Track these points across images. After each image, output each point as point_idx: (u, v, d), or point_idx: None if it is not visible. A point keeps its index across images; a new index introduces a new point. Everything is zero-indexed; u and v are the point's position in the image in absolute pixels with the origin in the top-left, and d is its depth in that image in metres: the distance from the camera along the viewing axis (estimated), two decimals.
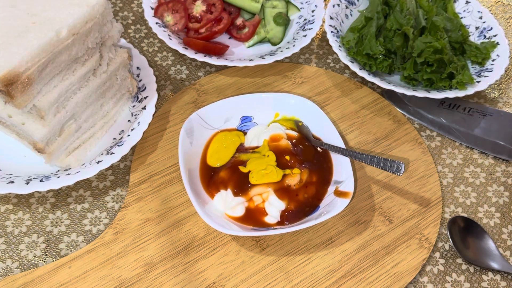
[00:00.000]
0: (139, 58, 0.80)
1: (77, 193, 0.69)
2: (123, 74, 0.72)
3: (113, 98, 0.73)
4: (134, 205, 0.67)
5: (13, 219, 0.66)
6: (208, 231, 0.65)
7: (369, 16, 0.85)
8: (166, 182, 0.70)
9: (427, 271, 0.65)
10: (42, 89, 0.60)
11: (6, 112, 0.64)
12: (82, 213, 0.67)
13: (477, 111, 0.80)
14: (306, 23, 0.88)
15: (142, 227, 0.65)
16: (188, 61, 0.87)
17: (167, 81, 0.84)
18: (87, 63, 0.65)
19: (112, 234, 0.64)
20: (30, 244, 0.64)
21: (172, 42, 0.82)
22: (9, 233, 0.65)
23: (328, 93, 0.83)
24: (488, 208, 0.72)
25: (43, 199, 0.68)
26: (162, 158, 0.72)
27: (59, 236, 0.65)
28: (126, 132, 0.71)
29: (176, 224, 0.66)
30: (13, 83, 0.55)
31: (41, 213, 0.67)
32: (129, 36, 0.90)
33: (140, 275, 0.61)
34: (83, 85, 0.66)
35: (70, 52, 0.61)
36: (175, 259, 0.63)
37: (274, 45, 0.87)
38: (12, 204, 0.68)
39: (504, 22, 1.00)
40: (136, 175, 0.70)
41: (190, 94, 0.81)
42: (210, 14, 0.86)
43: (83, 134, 0.70)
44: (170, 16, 0.86)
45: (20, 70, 0.55)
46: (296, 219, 0.64)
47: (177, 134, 0.75)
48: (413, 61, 0.79)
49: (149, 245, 0.64)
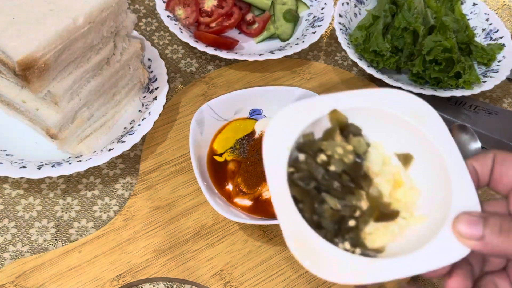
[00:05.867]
0: (151, 50, 0.81)
1: (87, 180, 0.70)
2: (136, 64, 0.73)
3: (125, 88, 0.74)
4: (144, 193, 0.68)
5: (24, 204, 0.67)
6: (216, 220, 0.66)
7: (377, 15, 0.86)
8: (175, 172, 0.71)
9: None
10: (57, 76, 0.61)
11: (21, 97, 0.65)
12: (92, 200, 0.68)
13: (483, 109, 0.81)
14: (315, 20, 0.89)
15: (151, 214, 0.66)
16: (198, 55, 0.88)
17: (177, 73, 0.85)
18: (102, 51, 0.66)
19: (122, 221, 0.65)
20: (40, 229, 0.65)
21: (183, 35, 0.83)
22: (19, 218, 0.66)
23: (336, 90, 0.84)
24: None
25: (54, 185, 0.69)
26: (172, 148, 0.73)
27: (69, 221, 0.66)
28: (137, 121, 0.72)
29: (185, 212, 0.67)
30: (30, 68, 0.56)
31: (51, 199, 0.68)
32: (140, 29, 0.91)
33: (149, 261, 0.62)
34: (97, 73, 0.67)
35: (85, 40, 0.62)
36: (184, 246, 0.64)
37: (283, 41, 0.88)
38: (23, 189, 0.68)
39: (510, 25, 1.01)
40: (146, 164, 0.71)
41: (200, 87, 0.82)
42: (221, 9, 0.87)
43: (95, 122, 0.71)
44: (181, 9, 0.87)
45: (37, 55, 0.56)
46: None
47: (186, 125, 0.76)
48: (422, 59, 0.80)
49: (158, 232, 0.64)
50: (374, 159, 0.44)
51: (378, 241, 0.41)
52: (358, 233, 0.40)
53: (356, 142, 0.43)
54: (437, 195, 0.42)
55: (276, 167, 0.41)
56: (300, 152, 0.42)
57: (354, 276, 0.36)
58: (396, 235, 0.41)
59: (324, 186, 0.41)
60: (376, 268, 0.37)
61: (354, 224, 0.40)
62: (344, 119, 0.44)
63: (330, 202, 0.40)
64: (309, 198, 0.40)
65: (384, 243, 0.41)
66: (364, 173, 0.42)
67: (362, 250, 0.39)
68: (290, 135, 0.43)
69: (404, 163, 0.44)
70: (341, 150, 0.42)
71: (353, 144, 0.43)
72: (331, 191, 0.41)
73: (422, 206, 0.42)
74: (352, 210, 0.40)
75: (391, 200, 0.43)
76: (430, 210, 0.42)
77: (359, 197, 0.41)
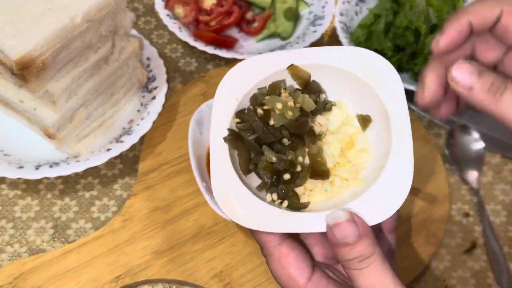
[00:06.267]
0: (149, 49, 0.80)
1: (85, 180, 0.69)
2: (134, 63, 0.73)
3: (124, 88, 0.73)
4: (142, 194, 0.67)
5: (21, 205, 0.67)
6: (216, 221, 0.66)
7: (378, 13, 0.85)
8: (174, 172, 0.70)
9: (433, 267, 0.65)
10: (55, 75, 0.61)
11: (18, 97, 0.64)
12: (91, 200, 0.68)
13: None
14: (316, 19, 0.88)
15: (150, 215, 0.65)
16: (197, 54, 0.87)
17: (176, 73, 0.84)
18: (100, 50, 0.65)
19: (120, 222, 0.64)
20: (38, 230, 0.65)
21: (183, 34, 0.82)
22: (17, 218, 0.65)
23: None
24: (494, 206, 0.72)
25: (51, 185, 0.68)
26: (171, 149, 0.73)
27: (67, 222, 0.66)
28: (136, 121, 0.72)
29: (185, 213, 0.66)
30: (28, 67, 0.56)
31: (49, 199, 0.67)
32: (138, 27, 0.90)
33: (148, 262, 0.61)
34: (95, 72, 0.66)
35: (84, 38, 0.61)
36: (183, 247, 0.63)
37: (284, 39, 0.88)
38: (21, 190, 0.68)
39: None
40: (145, 164, 0.70)
41: (200, 86, 0.81)
42: (221, 7, 0.86)
43: (93, 122, 0.70)
44: (180, 8, 0.86)
45: (35, 54, 0.56)
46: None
47: (186, 125, 0.75)
48: (424, 58, 0.79)
49: (157, 233, 0.64)
50: (333, 118, 0.45)
51: (315, 198, 0.43)
52: (291, 187, 0.42)
53: (303, 98, 0.43)
54: (379, 159, 0.42)
55: (221, 117, 0.44)
56: (250, 104, 0.44)
57: (260, 223, 0.40)
58: (333, 194, 0.43)
59: (265, 139, 0.42)
60: (284, 219, 0.40)
61: (288, 178, 0.42)
62: (306, 75, 0.45)
63: (266, 154, 0.42)
64: (244, 147, 0.42)
65: (321, 200, 0.43)
66: (310, 130, 0.43)
67: (290, 203, 0.41)
68: (243, 87, 0.44)
69: (362, 125, 0.45)
70: (280, 105, 0.42)
71: (299, 100, 0.43)
72: (273, 145, 0.42)
73: (369, 169, 0.44)
74: (288, 165, 0.41)
75: (342, 160, 0.44)
76: (369, 173, 0.43)
77: (303, 153, 0.42)
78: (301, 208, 0.42)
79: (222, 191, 0.41)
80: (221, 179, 0.42)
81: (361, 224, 0.37)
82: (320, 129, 0.44)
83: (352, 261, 0.37)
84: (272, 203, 0.41)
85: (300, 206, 0.42)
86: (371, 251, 0.37)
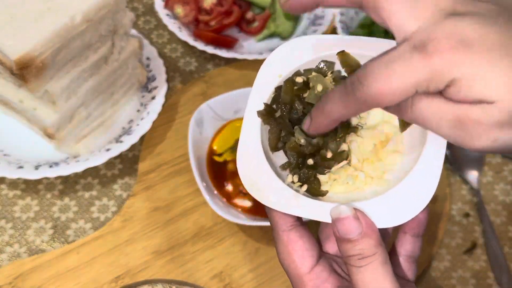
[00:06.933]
0: (149, 49, 0.80)
1: (85, 180, 0.69)
2: (134, 63, 0.73)
3: (123, 87, 0.73)
4: (142, 194, 0.67)
5: (21, 205, 0.66)
6: (216, 221, 0.66)
7: None
8: (174, 172, 0.70)
9: (433, 267, 0.65)
10: (55, 75, 0.60)
11: (18, 97, 0.64)
12: (90, 201, 0.68)
13: None
14: (316, 19, 0.88)
15: (150, 215, 0.65)
16: (197, 54, 0.87)
17: (176, 72, 0.84)
18: (99, 50, 0.65)
19: (120, 222, 0.64)
20: (37, 230, 0.64)
21: (182, 34, 0.82)
22: (17, 218, 0.65)
23: None
24: (495, 206, 0.72)
25: (51, 185, 0.68)
26: (171, 149, 0.72)
27: (67, 222, 0.65)
28: (136, 121, 0.71)
29: (184, 213, 0.66)
30: (28, 67, 0.55)
31: (49, 200, 0.67)
32: (138, 27, 0.90)
33: (148, 262, 0.61)
34: (95, 72, 0.66)
35: (83, 38, 0.61)
36: (183, 248, 0.63)
37: (284, 39, 0.88)
38: (21, 190, 0.68)
39: None
40: (145, 164, 0.70)
41: (199, 86, 0.81)
42: (221, 7, 0.86)
43: (92, 122, 0.70)
44: (180, 8, 0.86)
45: (34, 54, 0.56)
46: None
47: (186, 125, 0.75)
48: None
49: (157, 233, 0.64)
50: (373, 113, 0.43)
51: (335, 188, 0.42)
52: (313, 173, 0.41)
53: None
54: (408, 164, 0.41)
55: (260, 91, 0.42)
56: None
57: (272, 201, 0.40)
58: (354, 188, 0.42)
59: (291, 107, 0.41)
60: (298, 203, 0.39)
61: (311, 164, 0.41)
62: (355, 64, 0.41)
63: (296, 135, 0.41)
64: (276, 124, 0.41)
65: (340, 192, 0.42)
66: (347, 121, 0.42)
67: (310, 188, 0.41)
68: (286, 66, 0.43)
69: (402, 125, 0.43)
70: (321, 88, 0.41)
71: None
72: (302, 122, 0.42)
73: (395, 172, 0.42)
74: (314, 149, 0.41)
75: (371, 157, 0.43)
76: (395, 176, 0.42)
77: (333, 140, 0.41)
78: (319, 195, 0.41)
79: (244, 162, 0.41)
80: (247, 152, 0.41)
81: (367, 224, 0.37)
82: (358, 121, 0.43)
83: (352, 257, 0.37)
84: (291, 185, 0.41)
85: (319, 193, 0.41)
86: (372, 252, 0.37)
